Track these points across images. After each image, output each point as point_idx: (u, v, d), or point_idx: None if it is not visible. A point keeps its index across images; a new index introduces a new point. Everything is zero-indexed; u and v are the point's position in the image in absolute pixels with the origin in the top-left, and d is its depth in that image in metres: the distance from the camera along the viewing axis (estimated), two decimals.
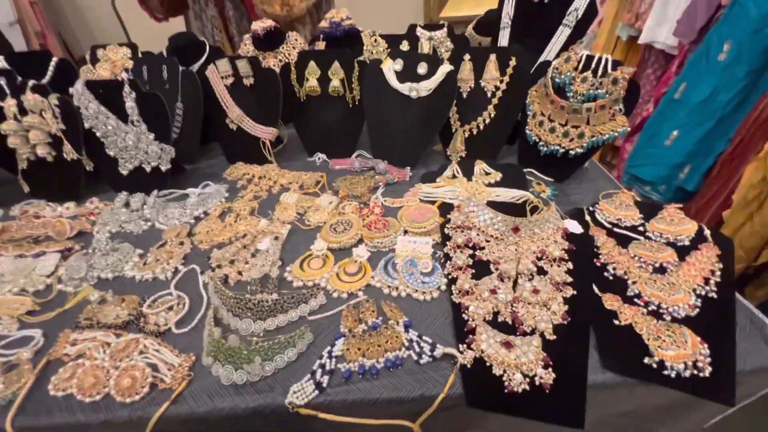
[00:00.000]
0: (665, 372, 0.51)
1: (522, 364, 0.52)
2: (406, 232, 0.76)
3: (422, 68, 0.89)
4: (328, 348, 0.56)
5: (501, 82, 0.90)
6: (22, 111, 0.83)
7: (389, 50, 1.01)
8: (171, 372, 0.54)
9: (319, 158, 1.02)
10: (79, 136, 0.85)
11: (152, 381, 0.54)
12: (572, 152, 0.82)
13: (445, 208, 0.80)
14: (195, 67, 1.03)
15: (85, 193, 0.91)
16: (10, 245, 0.78)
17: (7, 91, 0.83)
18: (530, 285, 0.62)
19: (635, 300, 0.60)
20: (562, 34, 0.93)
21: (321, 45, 1.10)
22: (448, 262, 0.68)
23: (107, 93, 0.82)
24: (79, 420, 0.52)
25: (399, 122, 0.93)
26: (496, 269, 0.65)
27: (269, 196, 0.90)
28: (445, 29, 1.08)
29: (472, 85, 0.92)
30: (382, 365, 0.54)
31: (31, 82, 0.82)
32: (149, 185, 0.90)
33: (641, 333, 0.55)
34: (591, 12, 0.91)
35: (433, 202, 0.83)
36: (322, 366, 0.54)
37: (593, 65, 0.79)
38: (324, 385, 0.52)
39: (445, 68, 0.87)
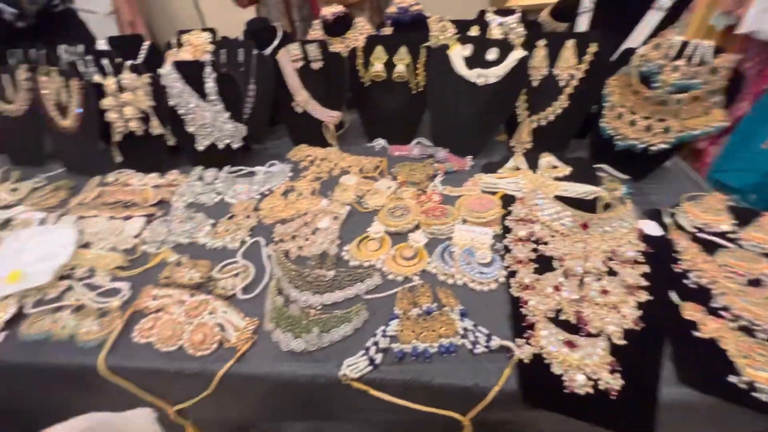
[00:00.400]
0: (755, 394, 0.46)
1: (585, 365, 0.49)
2: (464, 221, 0.74)
3: (492, 54, 0.86)
4: (383, 327, 0.57)
5: (577, 70, 0.84)
6: (120, 88, 0.92)
7: (458, 35, 0.98)
8: (236, 333, 0.58)
9: (378, 144, 1.02)
10: (165, 113, 0.93)
11: (220, 339, 0.58)
12: (654, 148, 0.75)
13: (507, 200, 0.77)
14: (267, 50, 1.08)
15: (167, 166, 0.99)
16: (105, 208, 0.87)
17: (110, 70, 0.92)
18: (598, 285, 0.58)
19: (721, 313, 0.54)
20: (652, 19, 0.85)
21: (388, 30, 1.10)
22: (508, 254, 0.65)
23: (190, 73, 0.88)
24: (156, 366, 0.57)
25: (463, 110, 0.91)
26: (561, 266, 0.62)
27: (330, 178, 0.92)
28: (518, 14, 1.03)
29: (545, 73, 0.87)
30: (436, 350, 0.54)
31: (128, 63, 0.91)
32: (221, 161, 0.96)
33: (727, 349, 0.50)
34: None
35: (494, 193, 0.80)
36: (376, 343, 0.55)
37: (688, 52, 0.72)
38: (377, 362, 0.53)
39: (518, 54, 0.83)
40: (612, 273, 0.60)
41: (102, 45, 1.18)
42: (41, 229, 0.81)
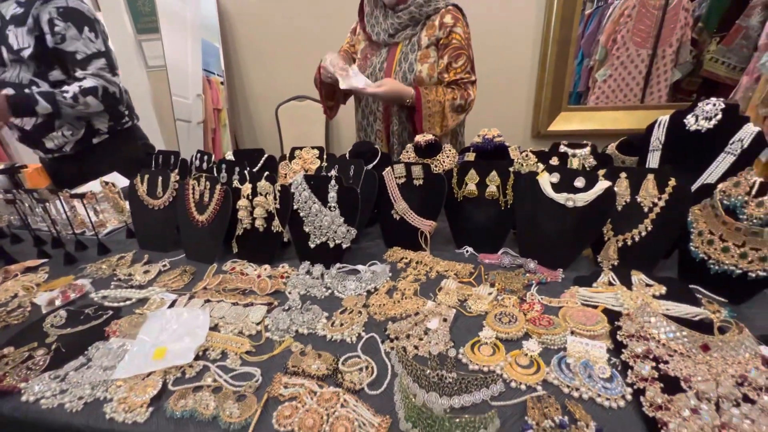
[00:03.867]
0: None
1: None
2: (572, 332, 0.78)
3: (579, 182, 0.98)
4: None
5: (659, 199, 0.94)
6: (253, 192, 1.10)
7: (540, 164, 1.14)
8: (372, 431, 0.61)
9: (467, 251, 1.12)
10: (286, 214, 1.08)
11: None
12: (752, 275, 0.80)
13: (610, 314, 0.81)
14: (370, 166, 1.28)
15: (276, 259, 1.11)
16: (227, 294, 0.98)
17: (246, 178, 1.12)
18: (738, 411, 0.58)
19: None
20: (724, 161, 0.97)
21: (470, 156, 1.29)
22: (630, 371, 0.67)
23: (317, 183, 1.05)
24: None
25: (551, 227, 1.01)
26: (689, 387, 0.63)
27: (428, 281, 1.00)
28: (588, 147, 1.19)
29: (628, 200, 0.98)
30: None
31: (265, 173, 1.10)
32: (327, 258, 1.07)
33: None
34: (759, 141, 0.94)
35: (594, 307, 0.84)
36: None
37: None
38: None
39: (604, 184, 0.95)
40: (747, 399, 0.60)
41: (229, 155, 1.44)
42: (180, 310, 0.91)
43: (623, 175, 0.98)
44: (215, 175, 1.22)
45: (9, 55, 1.45)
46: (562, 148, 1.22)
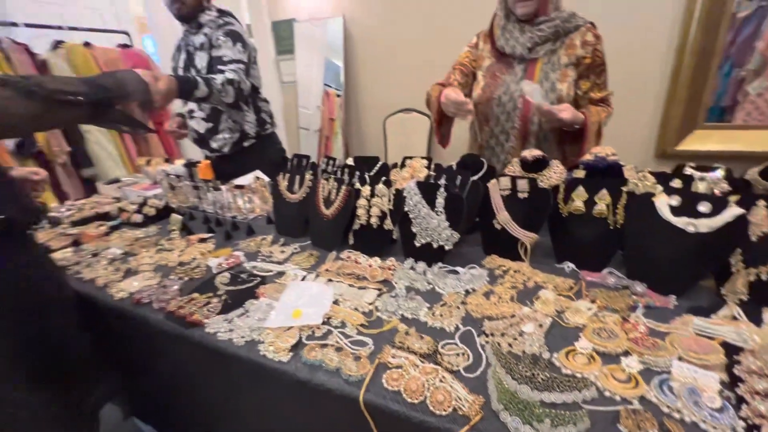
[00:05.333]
0: None
1: None
2: (680, 358, 0.76)
3: (704, 207, 0.93)
4: None
5: None
6: (371, 194, 1.28)
7: (658, 186, 1.09)
8: (467, 404, 0.70)
9: (568, 266, 1.13)
10: (399, 215, 1.23)
11: (455, 405, 0.70)
12: None
13: (729, 349, 0.76)
14: (476, 177, 1.36)
15: (385, 253, 1.27)
16: (344, 276, 1.16)
17: (366, 181, 1.31)
18: None
19: None
20: None
21: (579, 173, 1.28)
22: (745, 405, 0.64)
23: (427, 190, 1.18)
24: (401, 412, 0.72)
25: (666, 252, 0.97)
26: None
27: (525, 289, 1.05)
28: (722, 170, 1.10)
29: (766, 231, 0.89)
30: None
31: (383, 178, 1.27)
32: (430, 257, 1.19)
33: None
34: None
35: (710, 338, 0.80)
36: None
37: None
38: None
39: (735, 211, 0.89)
40: None
41: (349, 161, 1.67)
42: (310, 283, 1.12)
43: (762, 203, 0.90)
44: (339, 176, 1.44)
45: (194, 72, 1.97)
46: (688, 171, 1.14)
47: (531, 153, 1.35)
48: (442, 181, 1.20)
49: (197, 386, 1.16)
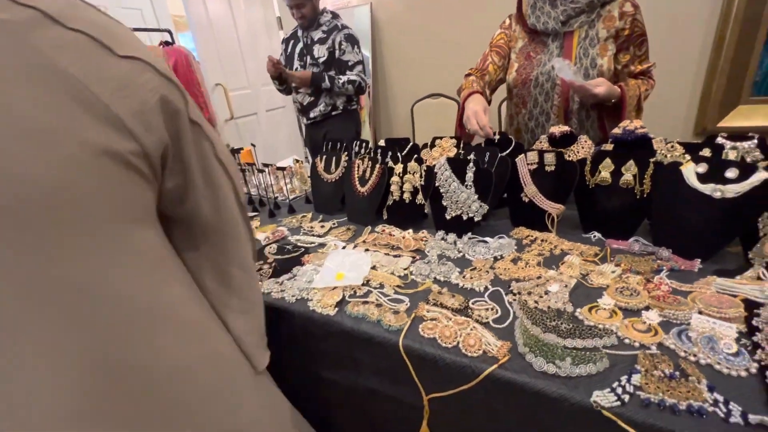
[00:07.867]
0: None
1: None
2: (700, 312, 0.81)
3: (731, 173, 0.95)
4: (626, 376, 0.68)
5: None
6: (404, 171, 1.37)
7: (687, 155, 1.11)
8: (496, 347, 0.79)
9: (594, 236, 1.17)
10: (430, 190, 1.31)
11: (485, 349, 0.79)
12: None
13: (750, 305, 0.80)
14: (504, 153, 1.42)
15: (417, 226, 1.36)
16: (380, 247, 1.26)
17: (398, 159, 1.40)
18: None
19: None
20: None
21: (608, 147, 1.31)
22: (760, 350, 0.69)
23: (457, 166, 1.26)
24: (437, 354, 0.81)
25: (693, 219, 1.00)
26: None
27: (551, 256, 1.11)
28: (755, 140, 1.10)
29: None
30: (684, 408, 0.62)
31: (415, 156, 1.35)
32: (460, 229, 1.27)
33: None
34: None
35: (731, 295, 0.84)
36: (622, 386, 0.66)
37: None
38: (625, 401, 0.64)
39: (763, 175, 0.91)
40: None
41: (381, 143, 1.76)
42: (350, 251, 1.23)
43: None
44: (373, 155, 1.53)
45: (311, 60, 2.52)
46: (719, 140, 1.15)
47: (559, 129, 1.39)
48: (472, 157, 1.26)
49: None
